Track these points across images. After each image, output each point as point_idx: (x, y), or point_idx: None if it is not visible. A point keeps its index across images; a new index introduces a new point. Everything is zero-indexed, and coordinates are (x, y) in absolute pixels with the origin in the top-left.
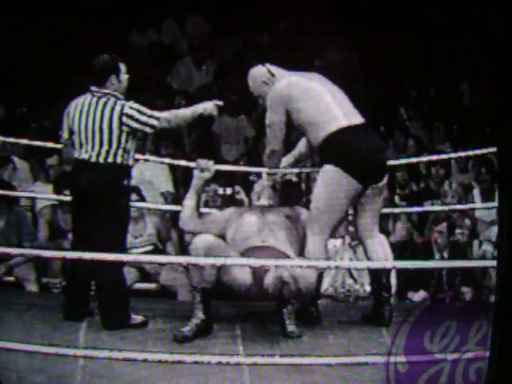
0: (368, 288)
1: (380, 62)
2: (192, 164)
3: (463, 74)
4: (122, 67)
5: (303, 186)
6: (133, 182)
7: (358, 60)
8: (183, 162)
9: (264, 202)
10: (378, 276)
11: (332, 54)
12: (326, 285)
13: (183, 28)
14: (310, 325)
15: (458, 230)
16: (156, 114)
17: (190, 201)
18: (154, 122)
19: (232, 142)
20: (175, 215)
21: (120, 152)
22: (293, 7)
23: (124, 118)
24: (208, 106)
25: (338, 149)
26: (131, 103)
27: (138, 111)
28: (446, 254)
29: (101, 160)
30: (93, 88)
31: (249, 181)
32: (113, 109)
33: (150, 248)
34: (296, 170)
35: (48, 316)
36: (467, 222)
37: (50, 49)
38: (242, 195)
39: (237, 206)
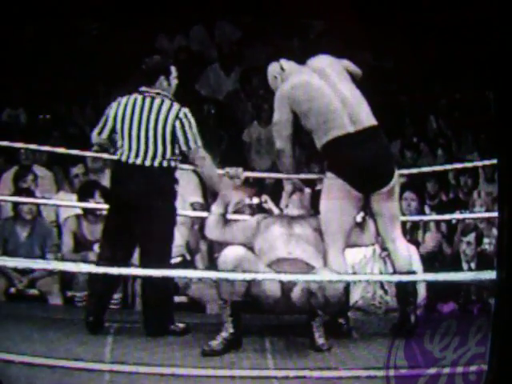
0: None
1: (410, 70)
2: (221, 172)
3: (490, 82)
4: (173, 70)
5: None
6: None
7: (391, 68)
8: None
9: (293, 210)
10: (403, 284)
11: (362, 62)
12: (356, 297)
13: (212, 34)
14: (340, 338)
15: (485, 240)
16: (199, 140)
17: (217, 209)
18: (192, 145)
19: (262, 152)
20: (204, 227)
21: (174, 156)
22: (324, 14)
23: (177, 123)
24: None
25: (334, 157)
26: (187, 111)
27: (189, 123)
28: (473, 265)
29: (156, 164)
30: (142, 88)
31: (278, 190)
32: (169, 110)
33: (178, 260)
34: (303, 176)
35: (73, 330)
36: (495, 231)
37: (74, 55)
38: (269, 204)
39: (264, 214)
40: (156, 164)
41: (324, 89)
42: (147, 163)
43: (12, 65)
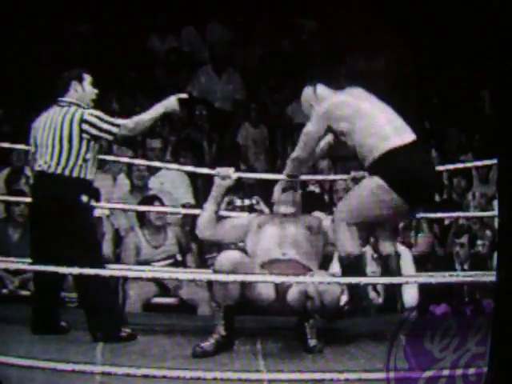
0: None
1: (403, 69)
2: (213, 171)
3: (485, 82)
4: (87, 77)
5: (326, 197)
6: (153, 193)
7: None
8: (204, 170)
9: (285, 207)
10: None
11: (356, 62)
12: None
13: (204, 36)
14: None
15: (479, 242)
16: (116, 121)
17: (208, 208)
18: (114, 129)
19: (253, 153)
20: (195, 228)
21: (78, 163)
22: (315, 13)
23: (84, 125)
24: (169, 103)
25: (390, 170)
26: (91, 110)
27: (99, 118)
28: (466, 267)
29: (58, 171)
30: (58, 98)
31: (271, 191)
32: (73, 116)
33: (169, 261)
34: (319, 178)
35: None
36: (488, 233)
37: (66, 55)
38: (261, 206)
39: (256, 214)
40: (58, 171)
41: (365, 106)
42: (50, 170)
43: (3, 66)
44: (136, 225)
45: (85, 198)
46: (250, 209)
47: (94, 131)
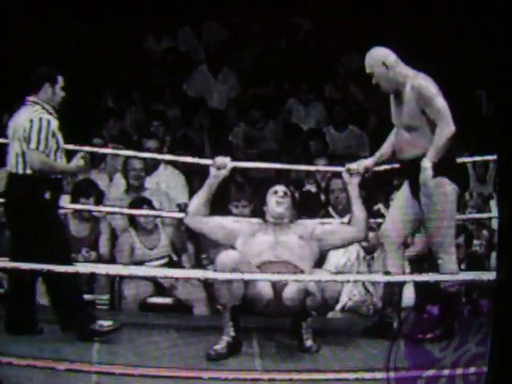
0: None
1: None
2: (209, 162)
3: (481, 82)
4: (60, 80)
5: (322, 197)
6: (148, 193)
7: None
8: (200, 160)
9: (285, 209)
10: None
11: (352, 61)
12: (343, 299)
13: (199, 35)
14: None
15: (475, 242)
16: (41, 146)
17: (199, 197)
18: (28, 146)
19: (249, 152)
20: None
21: None
22: (311, 13)
23: (27, 124)
24: (72, 166)
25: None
26: (45, 117)
27: (39, 126)
28: (463, 267)
29: (20, 170)
30: (27, 97)
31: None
32: (30, 114)
33: (164, 261)
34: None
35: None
36: (485, 233)
37: (63, 53)
38: None
39: (249, 221)
40: (19, 171)
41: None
42: (12, 170)
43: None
44: (130, 226)
45: (48, 195)
46: None
47: (26, 134)
